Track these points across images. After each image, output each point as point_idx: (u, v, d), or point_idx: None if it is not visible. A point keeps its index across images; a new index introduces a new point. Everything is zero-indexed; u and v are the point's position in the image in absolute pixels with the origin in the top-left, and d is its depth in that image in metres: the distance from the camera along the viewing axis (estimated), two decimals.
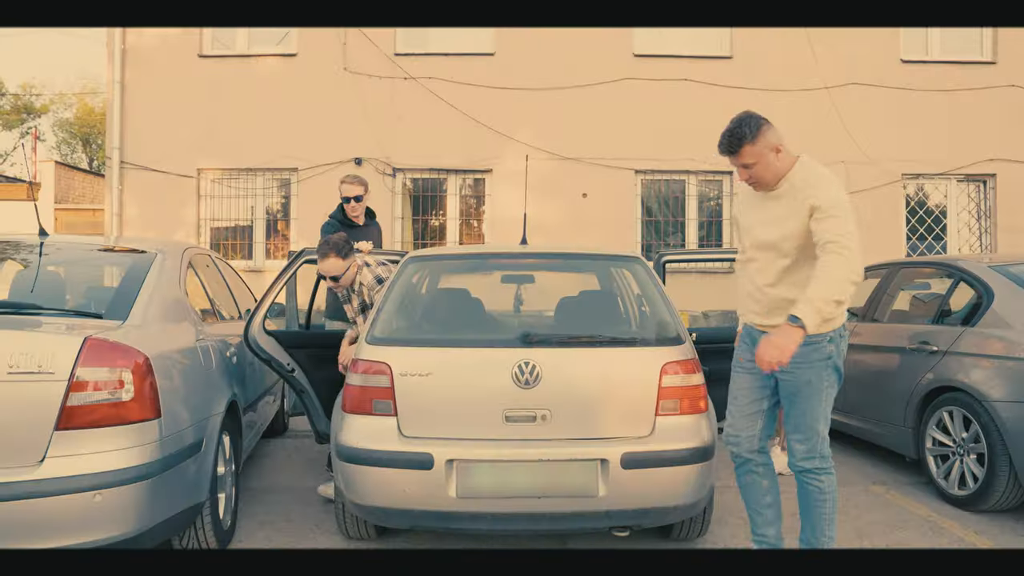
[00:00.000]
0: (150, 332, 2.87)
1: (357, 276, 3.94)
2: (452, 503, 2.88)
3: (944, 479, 4.18)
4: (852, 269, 2.61)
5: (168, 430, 2.69)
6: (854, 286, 2.65)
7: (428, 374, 2.97)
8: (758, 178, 2.83)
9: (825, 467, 2.86)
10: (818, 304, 2.58)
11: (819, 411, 2.85)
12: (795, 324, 2.58)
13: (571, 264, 4.04)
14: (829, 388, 2.85)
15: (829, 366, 2.83)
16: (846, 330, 2.91)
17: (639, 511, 2.94)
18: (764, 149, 2.76)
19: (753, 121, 2.77)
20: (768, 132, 2.77)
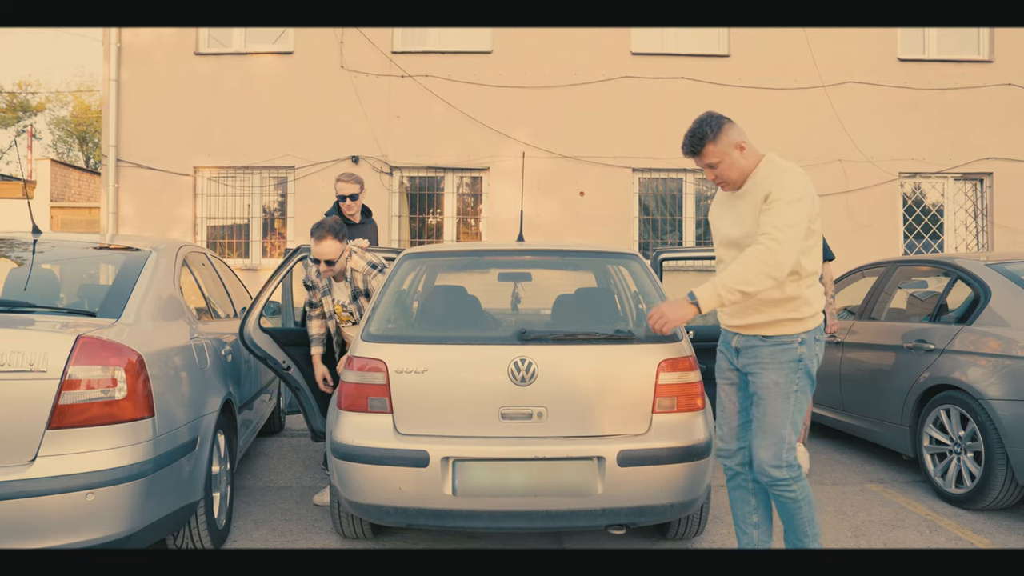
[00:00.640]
0: (143, 330, 2.85)
1: (348, 263, 3.87)
2: (448, 501, 2.87)
3: (941, 477, 4.18)
4: (772, 263, 2.53)
5: (162, 429, 2.67)
6: (771, 280, 2.55)
7: (424, 371, 2.96)
8: (724, 177, 2.78)
9: (794, 475, 2.71)
10: (720, 290, 2.57)
11: (785, 415, 2.71)
12: (691, 301, 2.60)
13: (568, 261, 4.02)
14: (799, 393, 2.73)
15: (800, 369, 2.72)
16: (823, 333, 2.83)
17: (636, 509, 2.92)
18: (727, 147, 2.72)
19: (714, 120, 2.74)
20: (730, 130, 2.74)
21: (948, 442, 4.13)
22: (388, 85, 9.60)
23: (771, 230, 2.57)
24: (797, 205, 2.59)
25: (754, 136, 10.18)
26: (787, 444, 2.71)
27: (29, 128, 19.23)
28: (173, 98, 9.60)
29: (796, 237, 2.57)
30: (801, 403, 2.75)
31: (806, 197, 2.62)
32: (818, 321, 2.75)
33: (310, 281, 4.00)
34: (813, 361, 2.76)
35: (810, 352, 2.73)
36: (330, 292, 3.96)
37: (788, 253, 2.55)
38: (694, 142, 2.76)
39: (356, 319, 3.92)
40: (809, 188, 2.67)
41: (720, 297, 2.58)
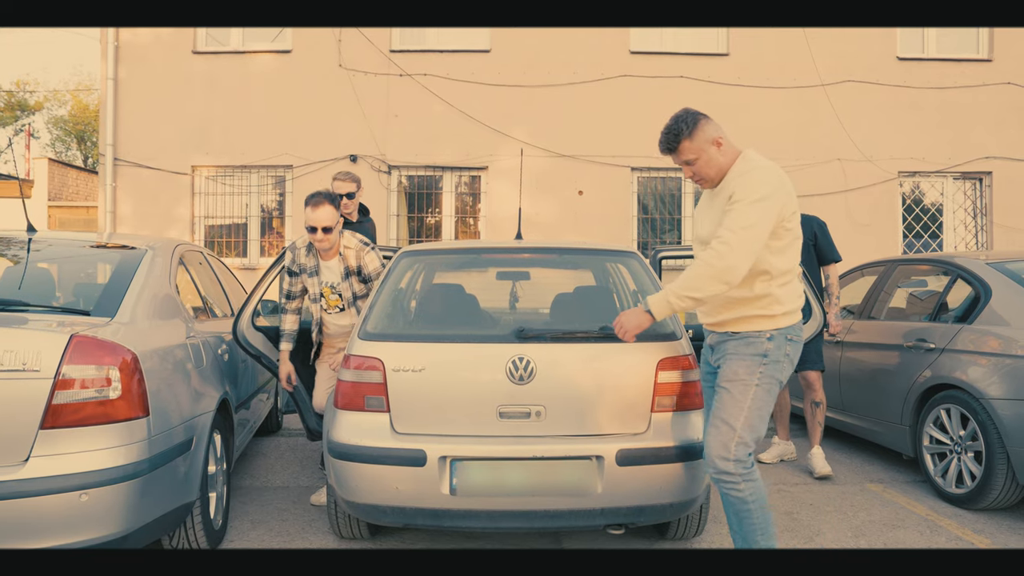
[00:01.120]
0: (138, 329, 2.83)
1: (340, 240, 3.80)
2: (445, 501, 2.85)
3: (941, 477, 4.16)
4: (722, 267, 2.50)
5: (157, 428, 2.65)
6: (723, 285, 2.53)
7: (421, 370, 2.93)
8: (701, 174, 2.74)
9: (744, 474, 2.62)
10: (670, 297, 2.59)
11: (740, 407, 2.63)
12: (644, 309, 2.64)
13: (567, 259, 4.00)
14: (759, 389, 2.63)
15: (763, 363, 2.64)
16: (798, 335, 2.72)
17: (635, 508, 2.90)
18: (703, 144, 2.68)
19: (690, 117, 2.71)
20: (706, 126, 2.70)
21: (948, 442, 4.11)
22: (386, 84, 9.56)
23: (725, 233, 2.54)
24: (758, 206, 2.53)
25: (753, 135, 10.20)
26: (739, 439, 2.61)
27: (27, 127, 19.18)
28: (171, 97, 9.56)
29: (753, 239, 2.52)
30: (761, 401, 2.64)
31: (773, 196, 2.55)
32: (791, 320, 2.67)
33: (296, 265, 3.85)
34: (782, 362, 2.66)
35: (778, 350, 2.65)
36: (318, 273, 3.82)
37: (741, 257, 2.51)
38: (670, 139, 2.74)
39: (343, 304, 3.83)
40: (779, 187, 2.59)
41: (671, 304, 2.60)
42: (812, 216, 4.82)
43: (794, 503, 4.11)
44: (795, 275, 2.70)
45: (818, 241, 4.73)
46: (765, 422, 2.67)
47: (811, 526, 3.74)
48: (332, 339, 3.97)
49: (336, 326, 3.90)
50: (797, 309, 2.70)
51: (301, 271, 3.85)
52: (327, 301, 3.85)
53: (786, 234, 2.63)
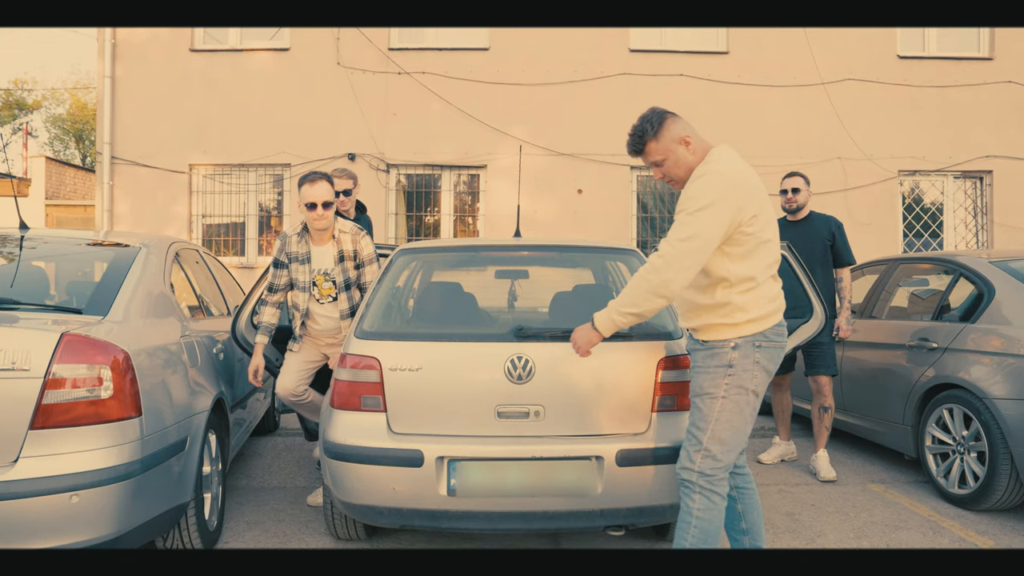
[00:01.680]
0: (131, 328, 2.79)
1: (335, 224, 3.68)
2: (443, 502, 2.81)
3: (944, 478, 4.12)
4: (658, 282, 2.43)
5: (150, 429, 2.61)
6: (661, 299, 2.47)
7: (418, 369, 2.89)
8: (671, 175, 2.64)
9: (703, 486, 2.51)
10: (613, 314, 2.55)
11: (706, 420, 2.53)
12: (592, 326, 2.60)
13: (566, 257, 3.96)
14: (725, 401, 2.51)
15: (728, 375, 2.51)
16: (770, 338, 2.55)
17: (635, 510, 2.86)
18: (670, 144, 2.60)
19: (655, 116, 2.63)
20: (673, 125, 2.62)
21: (951, 442, 4.08)
22: (385, 82, 9.52)
23: (663, 245, 2.48)
24: (699, 216, 2.41)
25: (753, 134, 10.13)
26: (704, 451, 2.52)
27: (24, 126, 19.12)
28: (168, 95, 9.52)
29: (691, 251, 2.41)
30: (729, 413, 2.52)
31: (717, 204, 2.41)
32: (759, 327, 2.52)
33: (285, 255, 3.68)
34: (751, 370, 2.52)
35: (745, 359, 2.51)
36: (309, 260, 3.66)
37: (677, 270, 2.42)
38: (635, 141, 2.67)
39: (335, 293, 3.67)
40: (728, 193, 2.43)
41: (615, 322, 2.56)
42: (830, 216, 4.79)
43: (795, 504, 4.08)
44: (763, 279, 2.53)
45: (835, 242, 4.67)
46: (739, 433, 2.54)
47: (812, 527, 3.71)
48: (319, 335, 3.77)
49: (325, 319, 3.71)
50: (769, 314, 2.54)
51: (291, 260, 3.68)
52: (319, 290, 3.68)
53: (747, 239, 2.48)
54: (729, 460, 2.54)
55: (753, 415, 2.59)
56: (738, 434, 2.55)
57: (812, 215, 4.79)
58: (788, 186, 4.78)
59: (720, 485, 2.54)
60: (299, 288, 3.69)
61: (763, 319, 2.53)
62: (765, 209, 2.52)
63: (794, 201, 4.74)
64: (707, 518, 2.52)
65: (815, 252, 4.63)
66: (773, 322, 2.56)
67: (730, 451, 2.54)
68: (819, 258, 4.64)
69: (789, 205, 4.76)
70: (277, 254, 3.70)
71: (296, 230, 3.71)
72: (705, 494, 2.52)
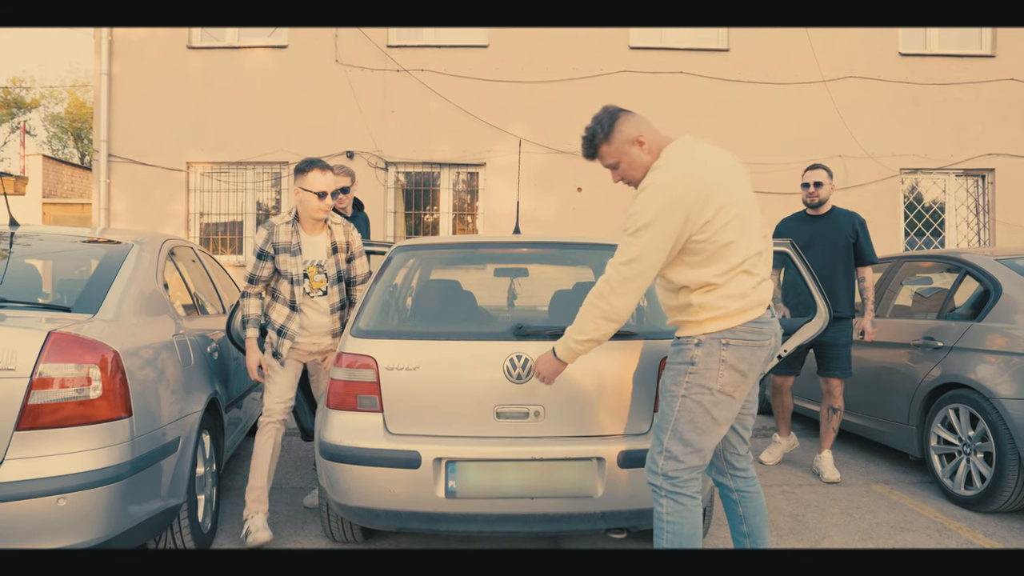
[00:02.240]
0: (122, 326, 2.72)
1: (328, 219, 3.50)
2: (440, 504, 2.75)
3: (950, 478, 4.06)
4: (606, 308, 2.36)
5: (140, 429, 2.54)
6: (612, 324, 2.40)
7: (415, 368, 2.83)
8: (628, 179, 2.52)
9: (669, 490, 2.41)
10: (570, 343, 2.50)
11: (667, 419, 2.43)
12: (554, 356, 2.55)
13: (566, 254, 3.89)
14: (685, 400, 2.39)
15: (690, 372, 2.39)
16: (741, 336, 2.37)
17: (637, 512, 2.80)
18: (623, 145, 2.48)
19: (606, 117, 2.51)
20: (624, 125, 2.48)
21: (957, 442, 4.02)
22: (383, 79, 9.46)
23: (608, 269, 2.38)
24: (640, 236, 2.30)
25: (753, 131, 10.02)
26: (666, 452, 2.41)
27: (22, 124, 19.05)
28: (165, 92, 9.45)
29: (637, 274, 2.32)
30: (689, 412, 2.39)
31: (658, 220, 2.28)
32: (724, 324, 2.36)
33: (271, 245, 3.39)
34: (715, 369, 2.36)
35: (709, 357, 2.37)
36: (300, 251, 3.42)
37: (623, 295, 2.35)
38: (586, 144, 2.58)
39: (326, 286, 3.46)
40: (671, 206, 2.29)
41: (573, 350, 2.51)
42: (853, 212, 4.58)
43: (798, 505, 4.02)
44: (725, 281, 2.36)
45: (859, 239, 4.46)
46: (704, 434, 2.40)
47: (816, 529, 3.65)
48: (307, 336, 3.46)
49: (315, 313, 3.46)
50: (737, 311, 2.36)
51: (277, 251, 3.40)
52: (311, 282, 3.43)
53: (702, 247, 2.33)
54: (695, 462, 2.42)
55: (726, 417, 2.43)
56: (704, 435, 2.41)
57: (835, 210, 4.57)
58: (810, 179, 4.53)
59: (687, 487, 2.42)
60: (288, 280, 3.41)
61: (730, 316, 2.37)
62: (726, 209, 2.34)
63: (816, 195, 4.49)
64: (677, 521, 2.41)
65: (839, 250, 4.45)
66: (744, 319, 2.38)
67: (694, 453, 2.41)
68: (843, 256, 4.45)
69: (811, 199, 4.52)
70: (263, 244, 3.40)
71: (284, 219, 3.43)
72: (672, 497, 2.42)
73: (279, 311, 3.44)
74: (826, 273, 4.39)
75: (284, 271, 3.42)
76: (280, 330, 3.44)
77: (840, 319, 4.41)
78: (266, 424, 3.46)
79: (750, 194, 2.50)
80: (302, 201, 3.39)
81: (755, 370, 2.42)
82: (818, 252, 4.43)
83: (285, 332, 3.44)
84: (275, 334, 3.44)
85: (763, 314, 2.43)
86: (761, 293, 2.43)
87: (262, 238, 3.41)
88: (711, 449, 2.46)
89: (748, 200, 2.46)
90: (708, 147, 2.50)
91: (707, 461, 2.47)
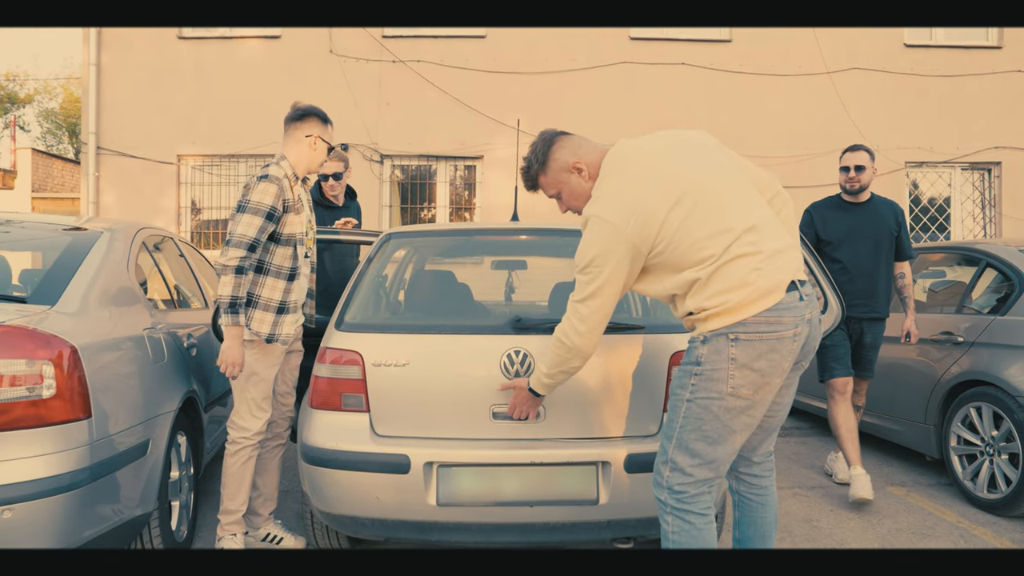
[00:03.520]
0: (84, 319, 2.50)
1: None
2: (432, 512, 2.53)
3: (971, 481, 3.85)
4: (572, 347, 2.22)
5: (101, 432, 2.32)
6: (581, 360, 2.27)
7: (405, 364, 2.61)
8: (573, 208, 2.34)
9: (675, 507, 2.14)
10: (542, 378, 2.38)
11: (671, 426, 2.15)
12: (530, 391, 2.44)
13: (568, 242, 3.67)
14: (691, 404, 2.10)
15: (696, 373, 2.10)
16: (753, 330, 2.04)
17: (645, 520, 2.59)
18: (559, 175, 2.29)
19: (541, 145, 2.30)
20: (559, 151, 2.28)
21: (979, 443, 3.81)
22: (379, 70, 9.25)
23: (569, 306, 2.23)
24: (590, 274, 2.13)
25: (756, 124, 9.78)
26: (671, 463, 2.14)
27: (12, 118, 18.79)
28: (156, 83, 9.24)
29: (595, 310, 2.16)
30: (696, 420, 2.10)
31: (603, 255, 2.10)
32: (731, 320, 2.04)
33: (282, 201, 2.88)
34: (724, 368, 2.05)
35: (716, 355, 2.06)
36: (304, 208, 3.07)
37: (585, 333, 2.20)
38: (524, 177, 2.39)
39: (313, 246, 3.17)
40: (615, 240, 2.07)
41: (544, 384, 2.37)
42: (891, 201, 4.15)
43: (812, 508, 3.81)
44: (713, 270, 2.05)
45: (901, 231, 4.06)
46: (715, 444, 2.11)
47: (833, 535, 3.44)
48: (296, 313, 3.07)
49: (306, 279, 3.13)
50: (743, 302, 2.03)
51: (287, 209, 2.91)
52: (307, 242, 3.09)
53: (667, 256, 2.10)
54: (704, 475, 2.13)
55: (745, 423, 2.12)
56: (715, 445, 2.11)
57: (875, 199, 4.10)
58: (851, 163, 4.02)
59: (696, 503, 2.14)
60: (291, 244, 2.95)
61: (736, 309, 2.04)
62: (681, 204, 2.06)
63: (858, 180, 3.98)
64: (683, 542, 2.15)
65: (882, 242, 4.00)
66: (756, 309, 2.03)
67: (703, 465, 2.12)
68: (886, 250, 4.01)
69: (851, 185, 4.01)
70: (275, 201, 2.84)
71: (286, 171, 2.96)
72: (678, 515, 2.14)
73: (271, 286, 2.93)
74: (869, 268, 3.98)
75: (288, 233, 2.94)
76: (281, 307, 2.93)
77: (880, 320, 4.05)
78: (241, 448, 2.94)
79: (720, 165, 2.18)
80: (314, 149, 3.01)
81: (778, 367, 2.08)
82: (861, 245, 3.99)
83: (287, 308, 2.97)
84: (270, 314, 2.91)
85: (782, 299, 2.05)
86: (772, 275, 2.05)
87: (272, 195, 2.84)
88: (727, 460, 2.17)
89: (716, 175, 2.15)
90: (646, 142, 2.23)
91: (721, 473, 2.18)
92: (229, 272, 2.77)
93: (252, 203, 2.82)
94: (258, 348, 2.92)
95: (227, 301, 2.77)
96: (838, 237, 3.99)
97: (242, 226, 2.80)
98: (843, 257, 3.99)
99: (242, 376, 2.88)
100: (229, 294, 2.77)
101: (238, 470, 2.95)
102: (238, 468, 2.95)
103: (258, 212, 2.81)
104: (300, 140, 3.03)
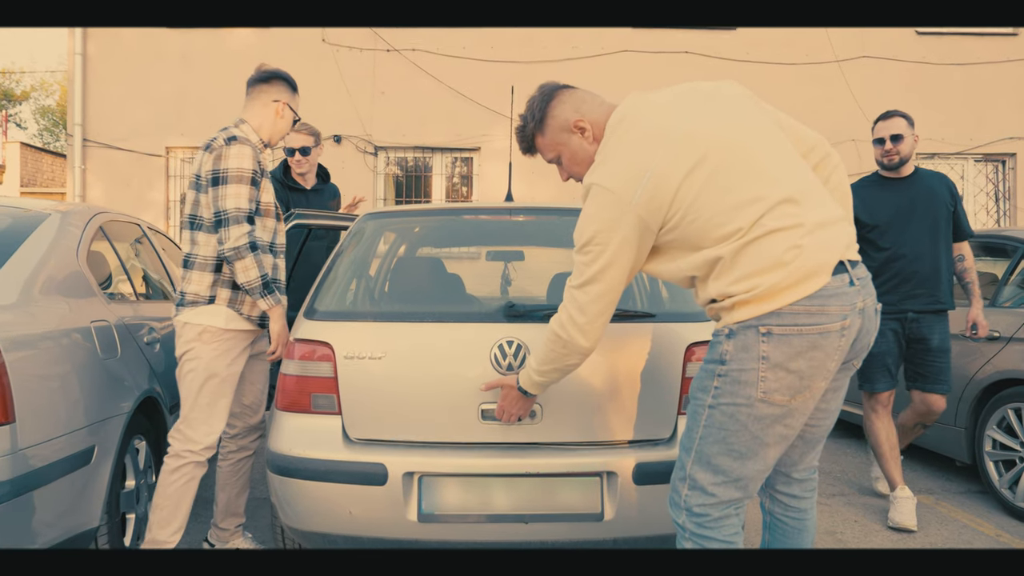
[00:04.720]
0: (13, 310, 2.19)
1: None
2: (412, 529, 2.22)
3: (1010, 489, 3.53)
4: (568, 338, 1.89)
5: (28, 439, 2.01)
6: (579, 356, 1.94)
7: (381, 357, 2.29)
8: (575, 175, 2.01)
9: (693, 532, 1.81)
10: (532, 375, 2.07)
11: (691, 437, 1.82)
12: (520, 391, 2.13)
13: (568, 222, 3.35)
14: (713, 411, 1.76)
15: (718, 375, 1.75)
16: (788, 322, 1.66)
17: (656, 539, 2.28)
18: (559, 135, 1.97)
19: (539, 100, 1.99)
20: (559, 108, 1.96)
21: (1019, 447, 3.49)
22: (373, 60, 8.96)
23: (565, 293, 1.91)
24: (589, 252, 1.80)
25: None
26: (690, 480, 1.81)
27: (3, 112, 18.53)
28: (143, 73, 8.97)
29: (594, 298, 1.83)
30: (720, 430, 1.75)
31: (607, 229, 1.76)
32: (763, 309, 1.67)
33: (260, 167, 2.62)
34: (753, 370, 1.69)
35: (743, 352, 1.71)
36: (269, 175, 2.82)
37: (584, 324, 1.87)
38: (521, 139, 2.06)
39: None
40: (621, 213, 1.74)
41: (536, 382, 2.07)
42: (940, 173, 3.56)
43: (834, 519, 3.49)
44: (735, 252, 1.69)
45: (957, 207, 3.49)
46: (743, 458, 1.76)
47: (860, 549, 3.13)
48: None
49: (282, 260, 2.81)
50: (779, 287, 1.65)
51: (263, 175, 2.65)
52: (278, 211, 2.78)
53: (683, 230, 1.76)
54: (730, 495, 1.78)
55: (780, 435, 1.75)
56: (744, 461, 1.76)
57: (920, 172, 3.52)
58: (885, 132, 3.44)
59: (719, 528, 1.80)
60: (270, 214, 2.67)
61: (770, 295, 1.66)
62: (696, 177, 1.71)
63: (896, 152, 3.42)
64: None
65: (939, 220, 3.42)
66: (794, 295, 1.65)
67: (729, 483, 1.78)
68: (944, 230, 3.43)
69: (888, 159, 3.45)
70: (254, 165, 2.56)
71: (254, 137, 2.71)
72: (698, 542, 1.81)
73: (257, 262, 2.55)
74: (928, 252, 3.40)
75: (266, 202, 2.65)
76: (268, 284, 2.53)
77: (945, 313, 3.46)
78: (185, 464, 2.53)
79: (752, 120, 1.84)
80: (280, 116, 2.74)
81: (822, 368, 1.70)
82: (915, 226, 3.40)
83: (277, 285, 2.68)
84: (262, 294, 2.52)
85: (828, 283, 1.66)
86: (815, 253, 1.66)
87: (250, 157, 2.55)
88: (758, 478, 1.80)
89: (747, 132, 1.80)
90: (661, 95, 1.90)
91: (751, 494, 1.82)
92: (246, 253, 2.46)
93: (232, 170, 2.50)
94: (216, 341, 2.54)
95: (258, 284, 2.48)
96: (885, 219, 3.42)
97: (231, 199, 2.48)
98: (892, 243, 3.40)
99: (196, 377, 2.51)
100: (258, 275, 2.48)
101: (176, 491, 2.51)
102: (177, 488, 2.51)
103: (242, 180, 2.50)
104: (267, 104, 2.73)
